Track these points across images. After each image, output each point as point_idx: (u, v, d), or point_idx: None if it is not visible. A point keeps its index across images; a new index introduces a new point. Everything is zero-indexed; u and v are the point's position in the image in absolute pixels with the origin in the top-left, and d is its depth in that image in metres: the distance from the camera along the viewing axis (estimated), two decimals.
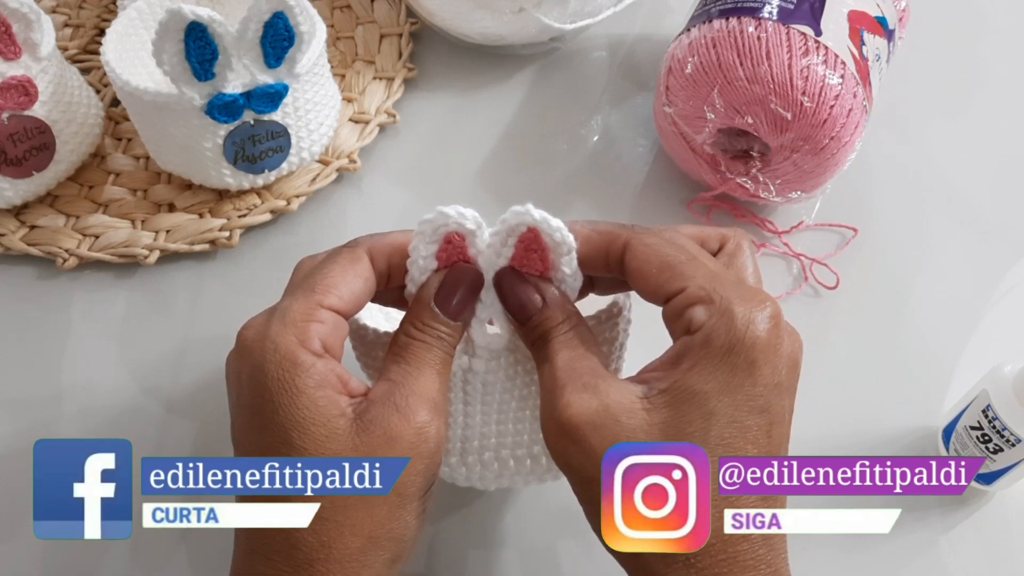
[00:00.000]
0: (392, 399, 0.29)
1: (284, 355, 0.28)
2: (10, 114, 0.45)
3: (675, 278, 0.29)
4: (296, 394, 0.28)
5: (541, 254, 0.31)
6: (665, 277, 0.30)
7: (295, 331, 0.29)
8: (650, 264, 0.30)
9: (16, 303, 0.47)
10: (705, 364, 0.28)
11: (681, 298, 0.29)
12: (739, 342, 0.28)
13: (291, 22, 0.43)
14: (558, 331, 0.31)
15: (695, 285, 0.29)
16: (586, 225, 0.32)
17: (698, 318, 0.29)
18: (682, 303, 0.29)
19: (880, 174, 0.53)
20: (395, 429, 0.28)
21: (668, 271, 0.30)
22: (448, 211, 0.31)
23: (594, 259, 0.32)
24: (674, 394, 0.28)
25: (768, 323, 0.28)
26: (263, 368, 0.28)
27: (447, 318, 0.31)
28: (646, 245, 0.30)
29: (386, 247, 0.32)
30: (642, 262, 0.30)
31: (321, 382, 0.29)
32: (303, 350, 0.29)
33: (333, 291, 0.30)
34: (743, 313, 0.28)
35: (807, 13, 0.45)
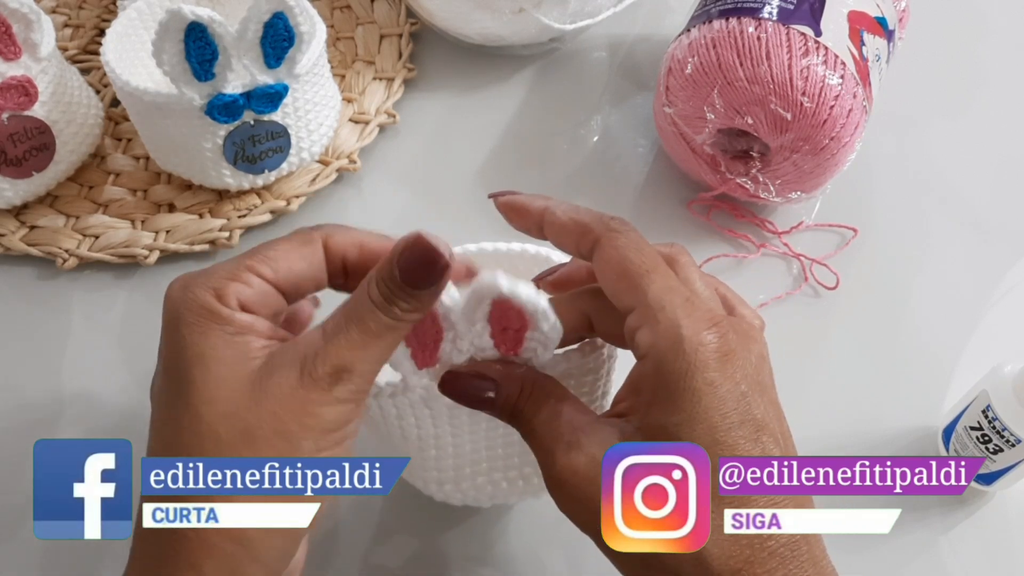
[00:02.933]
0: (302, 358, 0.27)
1: (201, 303, 0.27)
2: (10, 114, 0.45)
3: (630, 290, 0.29)
4: (208, 333, 0.27)
5: (518, 314, 0.30)
6: (623, 287, 0.29)
7: (214, 285, 0.28)
8: (612, 269, 0.29)
9: (16, 303, 0.47)
10: (664, 395, 0.28)
11: (633, 316, 0.29)
12: (690, 366, 0.27)
13: (291, 22, 0.43)
14: (520, 404, 0.30)
15: (644, 303, 0.28)
16: (566, 211, 0.31)
17: (643, 341, 0.28)
18: (633, 322, 0.29)
19: (880, 174, 0.53)
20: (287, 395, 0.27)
21: (625, 281, 0.29)
22: None
23: (568, 247, 0.31)
24: (648, 432, 0.28)
25: (716, 339, 0.28)
26: (180, 315, 0.27)
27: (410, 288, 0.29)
28: (613, 248, 0.30)
29: (348, 242, 0.30)
30: (605, 265, 0.30)
31: (241, 328, 0.27)
32: (218, 303, 0.28)
33: (268, 262, 0.29)
34: (690, 333, 0.28)
35: (807, 13, 0.45)
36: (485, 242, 0.38)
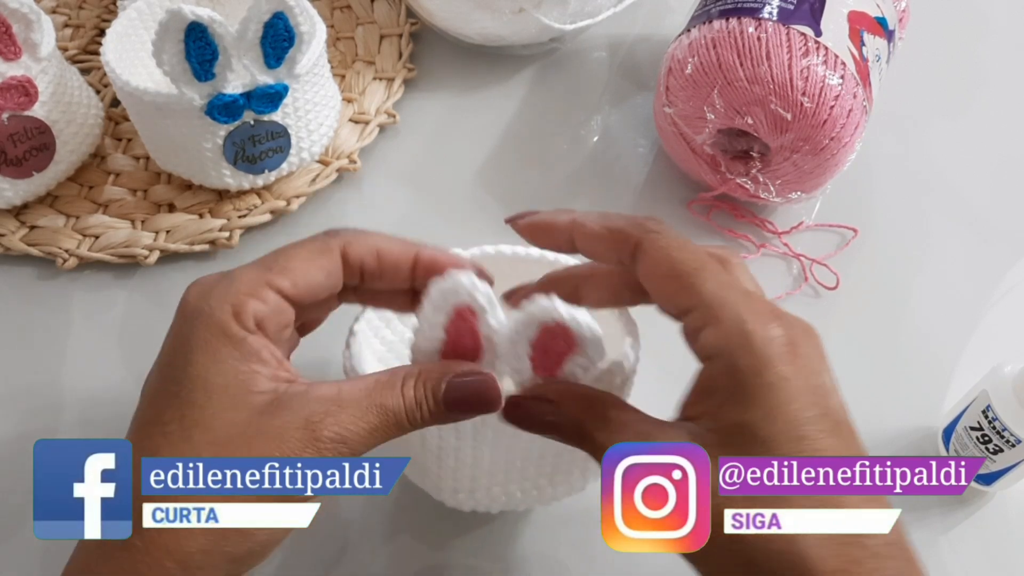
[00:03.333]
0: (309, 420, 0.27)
1: (216, 321, 0.27)
2: (10, 114, 0.45)
3: (683, 292, 0.28)
4: (218, 357, 0.27)
5: (566, 338, 0.30)
6: (674, 289, 0.28)
7: (233, 301, 0.28)
8: (660, 271, 0.29)
9: (16, 303, 0.47)
10: (739, 393, 0.27)
11: (692, 318, 0.28)
12: (763, 362, 0.27)
13: (291, 22, 0.43)
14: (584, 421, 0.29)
15: (702, 304, 0.28)
16: (597, 220, 0.30)
17: (710, 342, 0.27)
18: (693, 324, 0.28)
19: (880, 174, 0.53)
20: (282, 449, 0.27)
21: (676, 283, 0.28)
22: (461, 279, 0.28)
23: (604, 255, 0.31)
24: (723, 433, 0.27)
25: (782, 333, 0.27)
26: (193, 327, 0.27)
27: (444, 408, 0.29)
28: (657, 249, 0.29)
29: (365, 249, 0.30)
30: (652, 268, 0.29)
31: (248, 355, 0.27)
32: (235, 323, 0.27)
33: (288, 274, 0.29)
34: (758, 330, 0.27)
35: (807, 13, 0.45)
36: (486, 245, 0.38)
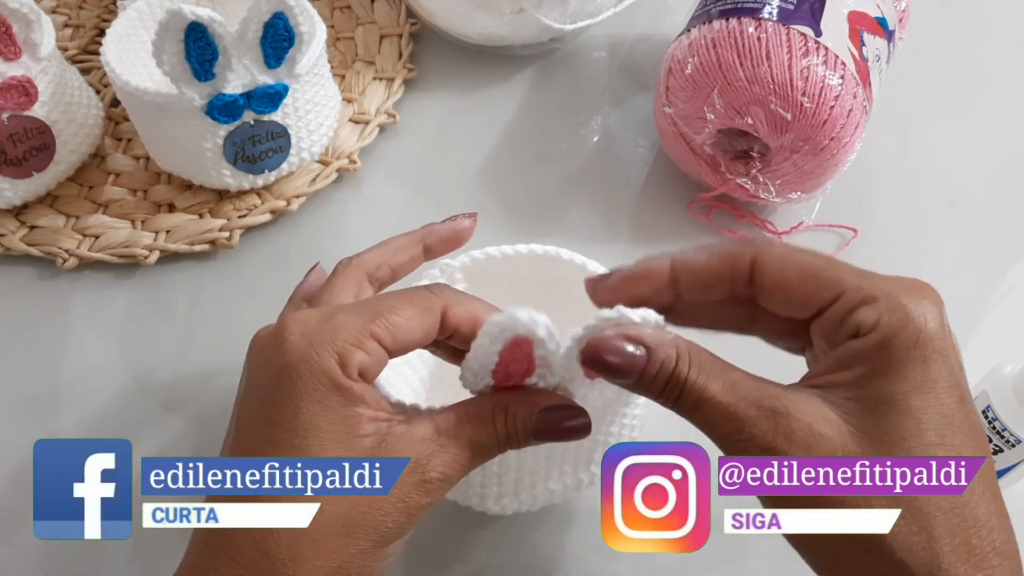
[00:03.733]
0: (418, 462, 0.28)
1: (323, 371, 0.28)
2: (10, 114, 0.45)
3: (825, 285, 0.28)
4: (325, 405, 0.28)
5: None
6: (812, 287, 0.28)
7: (340, 351, 0.28)
8: (790, 276, 0.28)
9: (16, 303, 0.47)
10: (892, 365, 0.27)
11: (841, 304, 0.28)
12: (921, 335, 0.27)
13: (291, 22, 0.43)
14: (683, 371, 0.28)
15: (851, 288, 0.28)
16: (700, 251, 0.30)
17: (868, 319, 0.27)
18: (843, 309, 0.28)
19: (880, 174, 0.53)
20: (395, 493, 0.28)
21: (814, 280, 0.28)
22: (520, 315, 0.28)
23: (717, 285, 0.30)
24: (867, 402, 0.27)
25: (937, 311, 0.28)
26: (298, 370, 0.28)
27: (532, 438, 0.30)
28: (777, 257, 0.29)
29: (464, 315, 0.31)
30: (780, 275, 0.29)
31: (353, 402, 0.28)
32: (341, 373, 0.28)
33: (392, 330, 0.29)
34: (915, 306, 0.27)
35: (807, 13, 0.45)
36: (489, 247, 0.38)
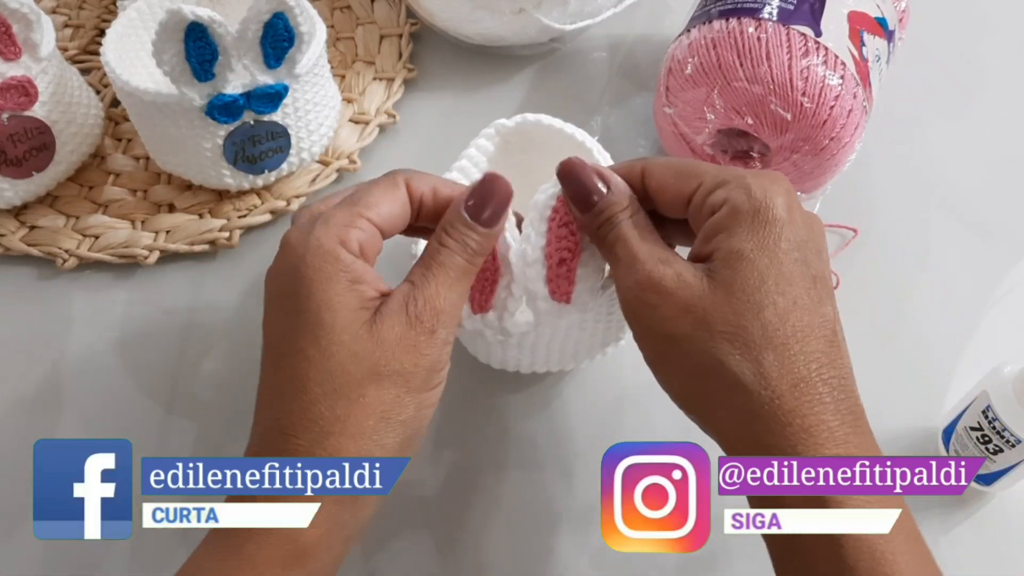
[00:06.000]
0: (406, 307, 0.31)
1: (327, 250, 0.30)
2: (10, 114, 0.45)
3: (689, 178, 0.33)
4: (334, 280, 0.30)
5: (571, 228, 0.34)
6: (682, 182, 0.33)
7: (337, 231, 0.31)
8: (667, 176, 0.33)
9: (16, 303, 0.47)
10: (737, 230, 0.30)
11: (700, 191, 0.32)
12: (760, 205, 0.30)
13: (291, 22, 0.43)
14: (621, 216, 0.33)
15: (709, 176, 0.32)
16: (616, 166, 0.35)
17: (719, 198, 0.31)
18: (702, 194, 0.32)
19: (880, 174, 0.53)
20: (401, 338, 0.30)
21: (683, 176, 0.33)
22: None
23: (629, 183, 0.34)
24: (722, 260, 0.30)
25: (782, 190, 0.31)
26: (304, 260, 0.30)
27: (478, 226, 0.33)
28: (658, 164, 0.34)
29: (424, 185, 0.34)
30: (660, 179, 0.33)
31: (357, 277, 0.31)
32: (342, 248, 0.31)
33: (373, 207, 0.32)
34: (758, 184, 0.31)
35: (807, 14, 0.45)
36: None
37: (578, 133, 0.42)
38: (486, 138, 0.43)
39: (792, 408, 0.28)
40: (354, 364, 0.30)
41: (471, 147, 0.42)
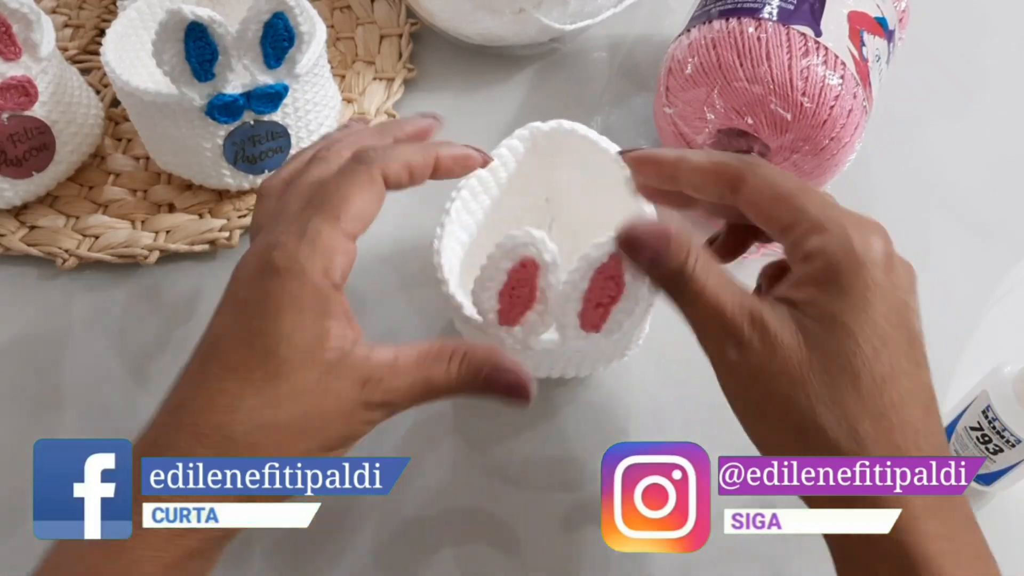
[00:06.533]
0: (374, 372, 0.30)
1: (310, 281, 0.29)
2: (10, 114, 0.45)
3: (789, 210, 0.31)
4: (303, 316, 0.29)
5: (618, 280, 0.33)
6: (779, 208, 0.31)
7: (323, 261, 0.30)
8: (765, 194, 0.32)
9: (16, 303, 0.47)
10: (834, 289, 0.29)
11: (797, 229, 0.31)
12: (860, 265, 0.29)
13: (291, 22, 0.43)
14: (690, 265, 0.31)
15: (808, 216, 0.31)
16: (702, 155, 0.34)
17: (815, 246, 0.30)
18: (798, 233, 0.31)
19: (880, 174, 0.53)
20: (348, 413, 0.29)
21: (780, 202, 0.31)
22: (535, 234, 0.32)
23: (709, 187, 0.33)
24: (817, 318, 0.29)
25: (882, 245, 0.30)
26: (284, 284, 0.29)
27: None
28: (760, 177, 0.32)
29: (399, 169, 0.32)
30: (757, 194, 0.32)
31: (327, 313, 0.30)
32: (328, 283, 0.30)
33: (358, 220, 0.31)
34: (859, 238, 0.30)
35: (807, 14, 0.45)
36: None
37: (612, 148, 0.41)
38: (519, 139, 0.42)
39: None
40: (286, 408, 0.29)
41: (502, 147, 0.42)
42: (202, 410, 0.29)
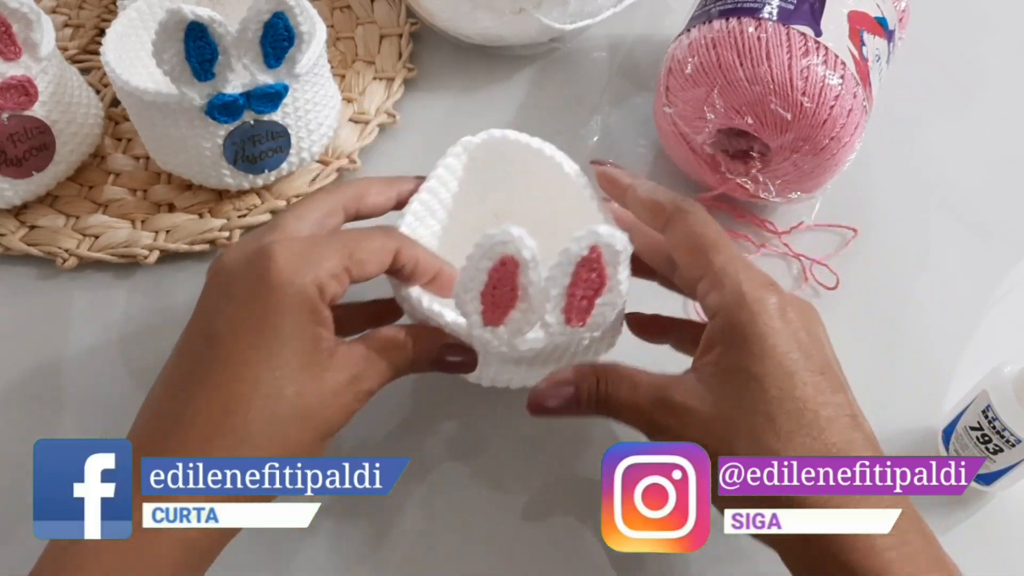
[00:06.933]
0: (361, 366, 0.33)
1: (307, 298, 0.32)
2: (10, 114, 0.45)
3: (698, 262, 0.34)
4: (302, 324, 0.31)
5: (599, 272, 0.33)
6: (691, 259, 0.34)
7: (321, 283, 0.32)
8: (683, 243, 0.35)
9: (16, 303, 0.47)
10: (735, 342, 0.32)
11: (703, 284, 0.34)
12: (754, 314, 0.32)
13: (291, 22, 0.43)
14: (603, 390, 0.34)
15: (712, 271, 0.33)
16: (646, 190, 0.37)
17: (714, 302, 0.33)
18: (703, 288, 0.34)
19: (880, 174, 0.53)
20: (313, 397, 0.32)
21: (694, 254, 0.34)
22: (513, 232, 0.32)
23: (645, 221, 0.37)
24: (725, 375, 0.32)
25: (775, 298, 0.32)
26: (286, 296, 0.31)
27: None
28: (684, 224, 0.35)
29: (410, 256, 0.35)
30: (677, 241, 0.35)
31: (320, 322, 0.32)
32: (320, 301, 0.32)
33: (359, 267, 0.33)
34: (751, 291, 0.32)
35: (807, 13, 0.45)
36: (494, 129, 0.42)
37: (546, 148, 0.41)
38: (454, 157, 0.42)
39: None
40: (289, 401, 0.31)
41: (439, 167, 0.41)
42: (209, 408, 0.30)
